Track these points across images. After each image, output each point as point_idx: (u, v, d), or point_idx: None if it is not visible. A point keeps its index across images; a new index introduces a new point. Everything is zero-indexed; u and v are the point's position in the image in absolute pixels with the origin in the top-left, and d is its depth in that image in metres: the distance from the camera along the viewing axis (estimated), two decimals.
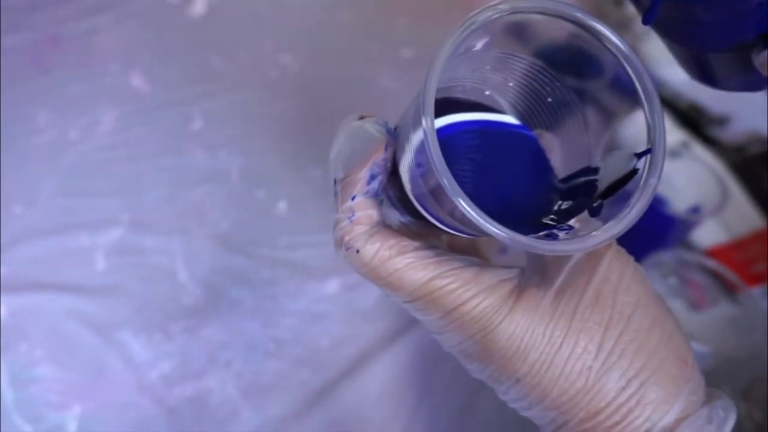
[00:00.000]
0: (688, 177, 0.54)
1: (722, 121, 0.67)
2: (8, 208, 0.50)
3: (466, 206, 0.21)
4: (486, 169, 0.26)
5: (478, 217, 0.21)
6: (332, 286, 0.49)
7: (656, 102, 0.24)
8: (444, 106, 0.26)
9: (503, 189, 0.26)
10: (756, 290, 0.55)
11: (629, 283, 0.24)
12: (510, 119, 0.27)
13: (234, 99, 0.61)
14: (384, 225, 0.26)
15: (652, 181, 0.23)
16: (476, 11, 0.23)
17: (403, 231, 0.28)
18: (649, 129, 0.24)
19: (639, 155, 0.24)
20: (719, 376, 0.45)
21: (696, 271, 0.47)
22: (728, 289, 0.46)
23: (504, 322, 0.23)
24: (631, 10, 0.75)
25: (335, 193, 0.26)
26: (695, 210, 0.53)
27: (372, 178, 0.25)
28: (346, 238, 0.25)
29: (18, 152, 0.54)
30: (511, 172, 0.26)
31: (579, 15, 0.23)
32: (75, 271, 0.48)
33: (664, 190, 0.54)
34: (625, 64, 0.24)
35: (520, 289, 0.24)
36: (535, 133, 0.28)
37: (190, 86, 0.61)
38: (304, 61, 0.66)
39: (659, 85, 0.70)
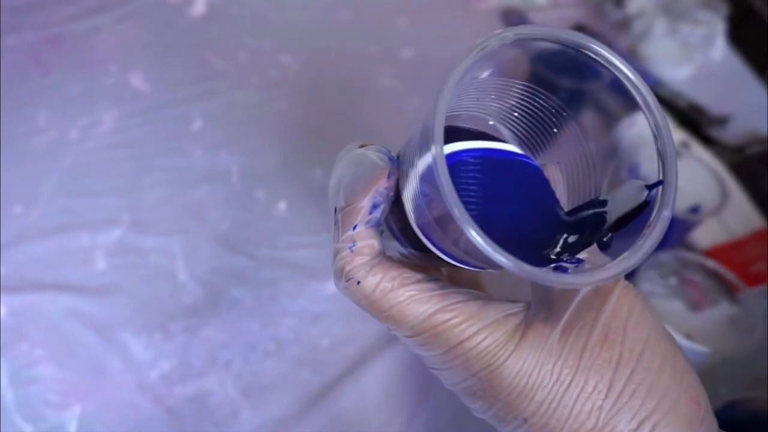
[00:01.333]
0: (688, 177, 0.54)
1: (722, 121, 0.67)
2: (8, 208, 0.50)
3: (477, 236, 0.20)
4: (490, 199, 0.25)
5: (488, 247, 0.20)
6: (332, 286, 0.49)
7: (667, 134, 0.23)
8: (448, 134, 0.25)
9: (508, 220, 0.25)
10: (755, 290, 0.55)
11: (638, 318, 0.23)
12: (514, 148, 0.27)
13: (234, 99, 0.61)
14: (385, 256, 0.25)
15: (666, 213, 0.22)
16: (486, 38, 0.22)
17: (403, 263, 0.27)
18: (661, 160, 0.23)
19: (650, 187, 0.23)
20: (719, 376, 0.45)
21: (696, 271, 0.47)
22: (728, 289, 0.46)
23: (510, 358, 0.23)
24: (632, 9, 0.75)
25: (335, 222, 0.25)
26: (695, 210, 0.53)
27: (374, 207, 0.24)
28: (347, 269, 0.24)
29: (18, 152, 0.54)
30: (516, 203, 0.26)
31: (585, 42, 0.23)
32: (75, 271, 0.48)
33: None
34: (636, 97, 0.23)
35: (526, 325, 0.23)
36: (540, 163, 0.27)
37: (190, 86, 0.61)
38: (304, 61, 0.66)
39: (659, 85, 0.70)
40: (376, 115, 0.62)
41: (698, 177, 0.53)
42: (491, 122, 0.27)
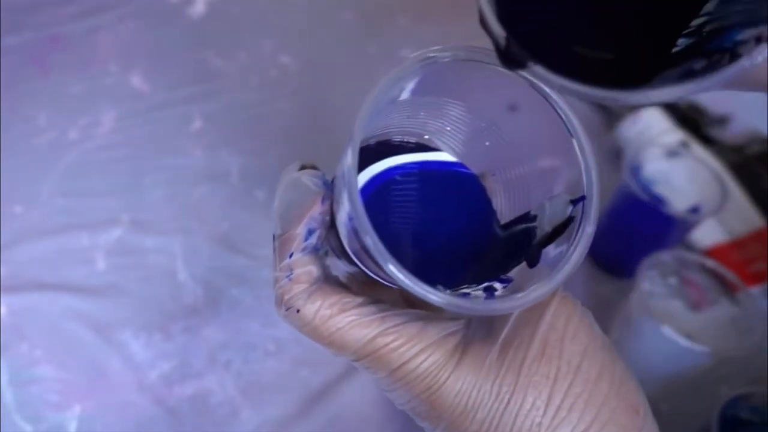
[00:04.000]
0: (688, 177, 0.54)
1: (722, 120, 0.67)
2: (8, 208, 0.50)
3: (395, 271, 0.20)
4: (428, 213, 0.26)
5: (410, 283, 0.20)
6: None
7: (587, 146, 0.23)
8: (383, 151, 0.26)
9: (445, 235, 0.25)
10: (755, 289, 0.55)
11: (575, 330, 0.24)
12: (449, 157, 0.27)
13: (234, 99, 0.61)
14: (325, 281, 0.25)
15: (589, 229, 0.22)
16: (406, 62, 0.23)
17: (352, 281, 0.27)
18: (583, 174, 0.23)
19: (574, 202, 0.23)
20: (719, 376, 0.45)
21: (696, 271, 0.47)
22: (728, 289, 0.46)
23: (450, 379, 0.23)
24: None
25: (273, 250, 0.25)
26: (695, 210, 0.53)
27: (309, 233, 0.24)
28: (286, 297, 0.24)
29: (18, 152, 0.54)
30: (453, 217, 0.26)
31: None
32: (75, 271, 0.48)
33: (664, 190, 0.54)
34: (557, 110, 0.23)
35: (465, 343, 0.24)
36: (478, 175, 0.27)
37: (190, 86, 0.61)
38: (304, 61, 0.66)
39: None
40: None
41: (698, 177, 0.53)
42: (427, 137, 0.27)
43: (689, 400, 0.47)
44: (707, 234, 0.58)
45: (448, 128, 0.26)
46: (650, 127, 0.63)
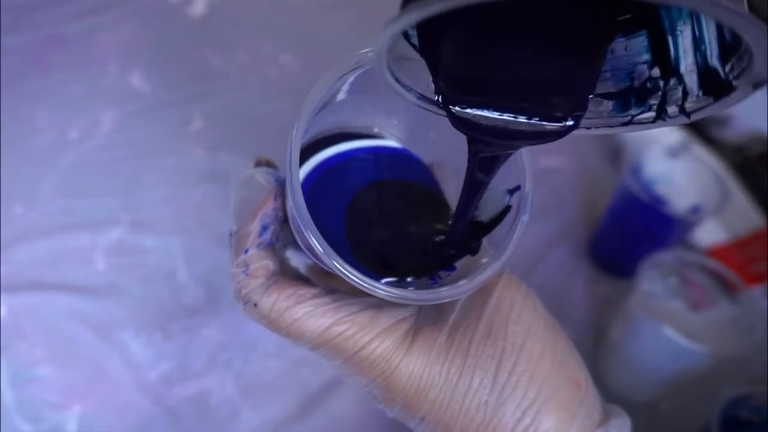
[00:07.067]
0: (688, 177, 0.54)
1: (723, 121, 0.67)
2: (8, 208, 0.50)
3: (339, 267, 0.21)
4: (382, 197, 0.27)
5: (355, 279, 0.21)
6: None
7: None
8: (336, 139, 0.27)
9: (399, 221, 0.27)
10: (756, 290, 0.55)
11: (519, 311, 0.25)
12: (395, 144, 0.28)
13: (234, 99, 0.61)
14: (281, 274, 0.25)
15: (525, 217, 0.24)
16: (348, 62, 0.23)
17: (311, 271, 0.28)
18: (518, 164, 0.24)
19: (511, 192, 0.24)
20: (719, 376, 0.45)
21: (696, 271, 0.47)
22: (728, 289, 0.46)
23: (402, 363, 0.24)
24: None
25: (230, 246, 0.26)
26: (695, 210, 0.53)
27: (264, 229, 0.25)
28: (243, 292, 0.25)
29: (18, 152, 0.54)
30: (406, 203, 0.27)
31: None
32: (75, 271, 0.48)
33: (664, 190, 0.54)
34: None
35: (416, 328, 0.25)
36: (429, 164, 0.28)
37: (190, 86, 0.61)
38: (304, 61, 0.66)
39: None
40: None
41: (698, 177, 0.53)
42: (375, 129, 0.28)
43: (689, 400, 0.47)
44: (708, 234, 0.58)
45: (395, 121, 0.28)
46: None
